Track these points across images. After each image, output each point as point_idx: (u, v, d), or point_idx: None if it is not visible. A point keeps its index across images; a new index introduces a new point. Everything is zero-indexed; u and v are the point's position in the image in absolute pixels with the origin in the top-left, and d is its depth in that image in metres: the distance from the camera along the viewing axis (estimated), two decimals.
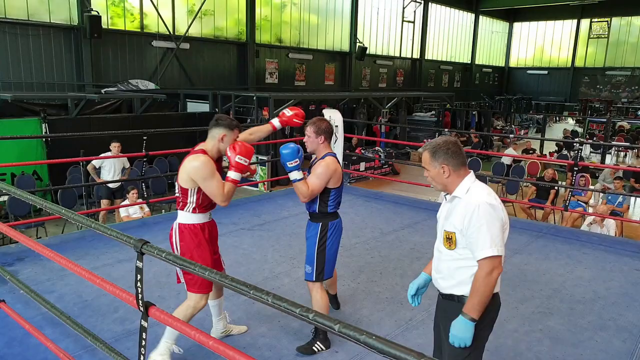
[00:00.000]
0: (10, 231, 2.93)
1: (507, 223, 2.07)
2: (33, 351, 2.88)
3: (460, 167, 2.08)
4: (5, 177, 8.24)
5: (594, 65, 30.46)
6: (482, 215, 1.97)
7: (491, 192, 2.08)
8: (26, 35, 12.07)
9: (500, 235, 2.00)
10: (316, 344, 3.07)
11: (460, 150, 2.09)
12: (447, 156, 2.08)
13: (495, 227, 1.97)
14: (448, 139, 2.11)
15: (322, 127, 3.07)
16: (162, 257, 1.72)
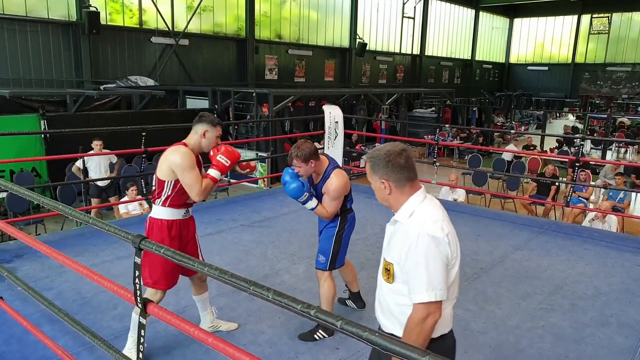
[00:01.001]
0: (9, 228, 2.91)
1: (457, 257, 1.73)
2: (31, 348, 2.86)
3: (404, 182, 1.74)
4: (4, 173, 8.21)
5: (595, 61, 30.41)
6: (420, 251, 1.64)
7: (439, 217, 1.71)
8: (24, 32, 12.02)
9: (442, 275, 1.65)
10: (318, 332, 3.10)
11: (406, 163, 1.73)
12: (387, 170, 1.74)
13: (435, 266, 1.63)
14: (392, 148, 1.76)
15: (305, 152, 2.93)
16: (160, 253, 1.70)
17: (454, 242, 1.71)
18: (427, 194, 1.81)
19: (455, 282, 1.76)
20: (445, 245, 1.66)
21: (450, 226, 1.74)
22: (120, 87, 12.87)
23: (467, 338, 3.18)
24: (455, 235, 1.74)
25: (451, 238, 1.70)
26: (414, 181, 1.77)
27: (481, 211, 6.57)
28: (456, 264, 1.72)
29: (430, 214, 1.72)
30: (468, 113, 20.42)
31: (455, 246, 1.71)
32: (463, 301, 3.68)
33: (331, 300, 3.16)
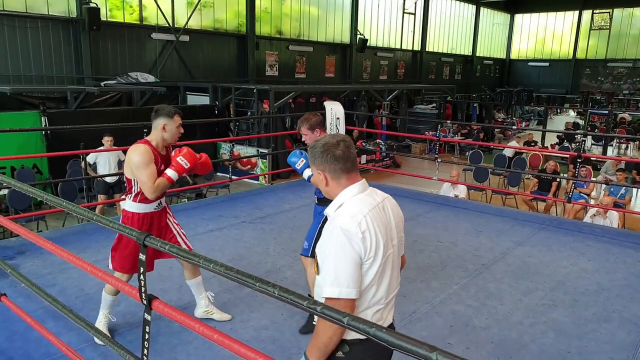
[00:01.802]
0: (11, 225, 2.91)
1: (379, 257, 1.60)
2: (35, 345, 2.87)
3: (340, 174, 1.68)
4: (5, 170, 8.21)
5: (596, 57, 30.32)
6: (332, 244, 1.58)
7: (361, 213, 1.60)
8: (24, 28, 11.99)
9: (350, 272, 1.55)
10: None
11: (343, 154, 1.67)
12: (323, 160, 1.69)
13: (344, 261, 1.54)
14: (330, 140, 1.71)
15: (313, 121, 3.11)
16: (165, 249, 1.70)
17: (375, 240, 1.59)
18: (367, 187, 1.74)
19: (383, 284, 1.65)
20: (358, 242, 1.56)
21: (377, 224, 1.62)
22: (120, 83, 12.85)
23: (469, 334, 3.19)
24: (382, 234, 1.62)
25: (370, 236, 1.58)
26: (351, 173, 1.70)
27: (482, 207, 6.57)
28: (375, 264, 1.60)
29: (354, 208, 1.63)
30: (469, 109, 20.40)
31: (377, 245, 1.59)
32: (465, 297, 3.69)
33: None
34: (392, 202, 1.80)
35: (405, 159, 14.33)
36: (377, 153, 13.60)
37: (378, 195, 1.75)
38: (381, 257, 1.60)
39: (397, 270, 1.76)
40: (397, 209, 1.80)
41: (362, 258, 1.57)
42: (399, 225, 1.78)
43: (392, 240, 1.69)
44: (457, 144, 16.05)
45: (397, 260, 1.75)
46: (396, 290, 1.78)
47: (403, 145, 16.50)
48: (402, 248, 1.86)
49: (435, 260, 4.39)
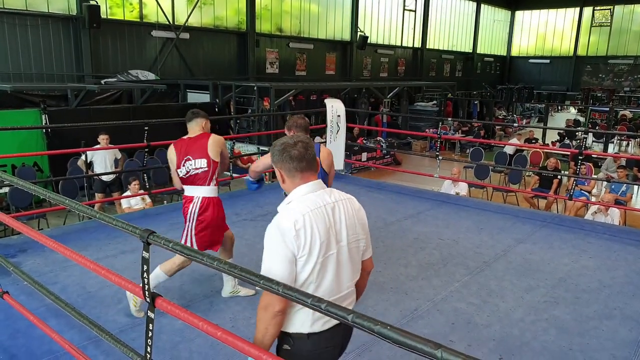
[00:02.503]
0: (13, 222, 2.91)
1: (313, 254, 1.64)
2: (38, 342, 2.87)
3: (294, 172, 1.74)
4: (6, 168, 8.21)
5: (597, 54, 30.28)
6: (268, 239, 1.67)
7: (301, 211, 1.66)
8: (24, 26, 11.98)
9: (281, 268, 1.61)
10: None
11: (299, 154, 1.73)
12: (280, 159, 1.75)
13: (276, 256, 1.63)
14: (289, 140, 1.77)
15: (289, 123, 3.26)
16: (168, 247, 1.70)
17: (310, 239, 1.62)
18: (320, 187, 1.78)
19: (324, 283, 1.69)
20: (291, 239, 1.61)
21: (316, 223, 1.65)
22: (121, 81, 12.84)
23: (471, 331, 3.19)
24: (322, 234, 1.65)
25: (305, 234, 1.62)
26: (305, 172, 1.75)
27: (483, 205, 6.56)
28: (311, 261, 1.63)
29: (296, 207, 1.68)
30: (469, 106, 20.38)
31: (312, 243, 1.63)
32: (466, 295, 3.69)
33: None
34: (350, 204, 1.82)
35: (406, 156, 14.33)
36: (377, 151, 13.59)
37: (331, 196, 1.77)
38: (317, 256, 1.63)
39: (347, 271, 1.76)
40: (356, 211, 1.82)
41: (296, 255, 1.62)
42: (354, 228, 1.79)
43: (338, 242, 1.71)
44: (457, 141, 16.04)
45: (347, 261, 1.76)
46: (347, 291, 1.80)
47: (404, 142, 16.50)
48: (364, 251, 1.87)
49: (437, 258, 4.39)
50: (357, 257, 1.82)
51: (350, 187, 6.93)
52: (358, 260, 1.84)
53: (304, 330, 1.68)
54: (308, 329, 1.69)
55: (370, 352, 2.91)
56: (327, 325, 1.72)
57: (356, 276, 1.84)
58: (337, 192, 1.83)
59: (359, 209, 1.86)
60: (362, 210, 1.88)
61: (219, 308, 3.39)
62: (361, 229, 1.83)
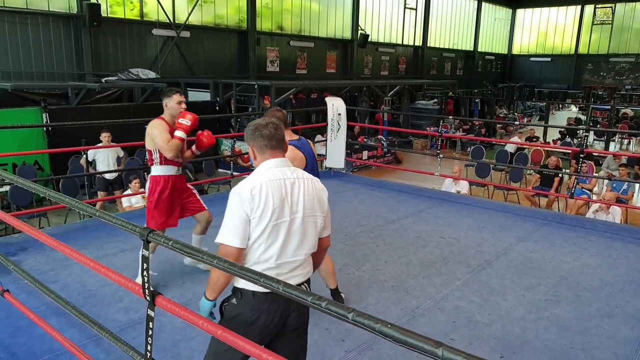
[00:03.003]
0: (14, 221, 2.91)
1: (264, 217, 1.85)
2: (38, 341, 2.87)
3: (265, 150, 1.96)
4: (7, 167, 8.21)
5: (598, 52, 30.22)
6: (229, 201, 1.90)
7: (259, 180, 1.89)
8: (25, 24, 11.98)
9: (236, 225, 1.85)
10: None
11: (270, 133, 1.95)
12: (252, 137, 1.98)
13: (233, 216, 1.86)
14: (261, 121, 2.00)
15: (268, 115, 3.12)
16: (168, 246, 1.69)
17: (263, 204, 1.85)
18: (284, 164, 1.98)
19: (273, 246, 1.89)
20: (247, 202, 1.85)
21: (272, 192, 1.87)
22: (121, 79, 12.84)
23: (472, 329, 3.18)
24: (276, 202, 1.87)
25: (260, 199, 1.85)
26: (275, 150, 1.97)
27: (484, 203, 6.56)
28: (262, 223, 1.85)
29: (256, 177, 1.92)
30: (470, 104, 20.34)
31: (264, 208, 1.85)
32: (468, 293, 3.68)
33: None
34: (312, 184, 2.01)
35: (406, 154, 14.31)
36: (378, 149, 13.58)
37: (294, 173, 1.98)
38: (268, 220, 1.86)
39: (299, 240, 1.95)
40: (317, 191, 2.02)
41: (249, 215, 1.85)
42: (312, 204, 1.98)
43: (294, 212, 1.92)
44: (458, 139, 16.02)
45: (301, 232, 1.95)
46: (298, 259, 1.97)
47: (405, 141, 16.48)
48: (322, 229, 2.05)
49: (438, 256, 4.38)
50: (312, 231, 1.99)
51: (351, 185, 6.93)
52: (314, 234, 2.01)
53: (250, 288, 1.87)
54: (254, 287, 1.84)
55: (371, 351, 2.91)
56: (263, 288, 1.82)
57: (312, 248, 2.01)
58: (301, 172, 2.03)
59: (321, 190, 2.05)
60: (325, 193, 2.07)
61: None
62: (319, 207, 2.01)
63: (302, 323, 2.06)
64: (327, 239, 2.12)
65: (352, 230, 4.99)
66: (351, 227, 5.11)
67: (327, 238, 2.12)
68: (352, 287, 3.76)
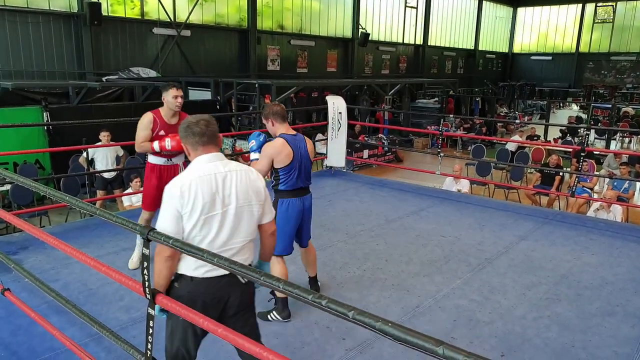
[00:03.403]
0: (15, 220, 2.91)
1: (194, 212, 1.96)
2: (39, 339, 2.87)
3: (197, 146, 2.06)
4: (8, 166, 8.21)
5: (599, 51, 30.15)
6: (163, 197, 2.00)
7: (188, 178, 1.99)
8: (26, 23, 11.98)
9: (168, 221, 1.95)
10: (271, 314, 3.23)
11: (200, 130, 2.05)
12: (185, 135, 2.08)
13: (166, 211, 1.96)
14: (193, 119, 2.10)
15: (266, 111, 3.25)
16: (168, 244, 1.69)
17: (192, 199, 1.95)
18: (217, 159, 2.08)
19: (207, 237, 2.00)
20: (177, 199, 1.95)
21: (201, 188, 1.97)
22: (122, 78, 12.84)
23: (472, 328, 3.18)
24: (205, 197, 1.97)
25: (189, 195, 1.95)
26: (207, 146, 2.06)
27: (485, 202, 6.56)
28: (193, 217, 1.96)
29: (187, 174, 2.03)
30: (471, 103, 20.33)
31: (194, 203, 1.95)
32: (468, 292, 3.68)
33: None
34: (245, 175, 2.12)
35: (407, 153, 14.30)
36: (379, 148, 13.57)
37: (225, 167, 2.07)
38: (199, 214, 1.96)
39: (234, 230, 2.06)
40: (251, 181, 2.12)
41: (180, 211, 1.95)
42: (247, 194, 2.09)
43: (226, 205, 2.02)
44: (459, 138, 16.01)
45: (235, 222, 2.05)
46: (236, 246, 2.08)
47: (405, 139, 16.46)
48: (261, 215, 2.17)
49: (439, 255, 4.38)
50: (248, 220, 2.11)
51: (352, 184, 6.92)
52: (251, 222, 2.12)
53: (188, 273, 2.02)
54: (191, 272, 2.02)
55: (372, 349, 2.91)
56: (208, 274, 2.01)
57: (249, 235, 2.13)
58: (234, 164, 2.12)
59: (255, 180, 2.15)
60: (259, 181, 2.17)
61: None
62: (255, 196, 2.12)
63: (244, 307, 2.16)
64: (269, 225, 2.23)
65: (353, 229, 4.99)
66: (352, 225, 5.11)
67: (268, 224, 2.23)
68: (353, 285, 3.76)
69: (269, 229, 2.25)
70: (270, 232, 2.27)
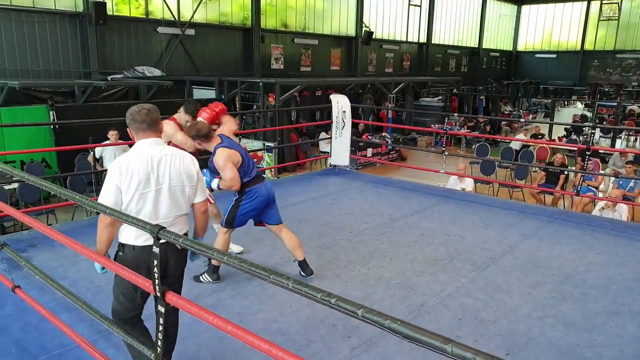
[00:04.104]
0: (25, 218, 2.94)
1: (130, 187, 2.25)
2: (49, 336, 2.91)
3: (138, 132, 2.36)
4: (15, 164, 8.27)
5: (604, 48, 30.00)
6: (107, 172, 2.30)
7: (127, 157, 2.30)
8: (32, 22, 12.03)
9: (109, 192, 2.26)
10: (203, 275, 3.66)
11: (142, 118, 2.34)
12: (128, 121, 2.37)
13: (108, 185, 2.26)
14: (136, 107, 2.39)
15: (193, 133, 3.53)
16: (178, 242, 1.72)
17: (129, 176, 2.25)
18: (156, 144, 2.37)
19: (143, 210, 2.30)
20: (116, 176, 2.25)
21: (138, 167, 2.27)
22: (127, 77, 12.88)
23: (477, 327, 3.20)
24: (141, 175, 2.27)
25: (126, 172, 2.25)
26: (146, 132, 2.35)
27: (489, 200, 6.56)
28: (129, 192, 2.26)
29: (127, 155, 2.33)
30: (475, 102, 20.29)
31: (130, 179, 2.25)
32: (473, 290, 3.69)
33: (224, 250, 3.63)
34: (180, 159, 2.40)
35: (411, 152, 14.30)
36: (383, 146, 13.58)
37: (162, 151, 2.36)
38: (135, 190, 2.25)
39: (167, 206, 2.36)
40: (184, 165, 2.39)
41: (119, 186, 2.25)
42: (179, 176, 2.37)
43: (160, 183, 2.31)
44: (463, 136, 16.00)
45: (168, 199, 2.35)
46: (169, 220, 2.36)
47: (409, 138, 16.46)
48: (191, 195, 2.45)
49: (443, 254, 4.39)
50: (180, 198, 2.40)
51: (356, 182, 6.94)
52: (182, 200, 2.41)
53: (130, 243, 2.33)
54: (133, 242, 2.33)
55: (377, 347, 2.93)
56: (148, 242, 2.22)
57: (181, 211, 2.42)
58: (171, 149, 2.43)
59: (189, 164, 2.42)
60: (192, 165, 2.44)
61: (226, 303, 3.42)
62: (187, 178, 2.40)
63: (179, 273, 2.50)
64: (200, 204, 2.52)
65: (357, 228, 5.01)
66: (356, 224, 5.13)
67: (200, 203, 2.52)
68: (358, 284, 3.78)
69: (201, 208, 2.53)
70: (201, 211, 2.54)
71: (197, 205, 2.51)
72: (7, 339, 2.90)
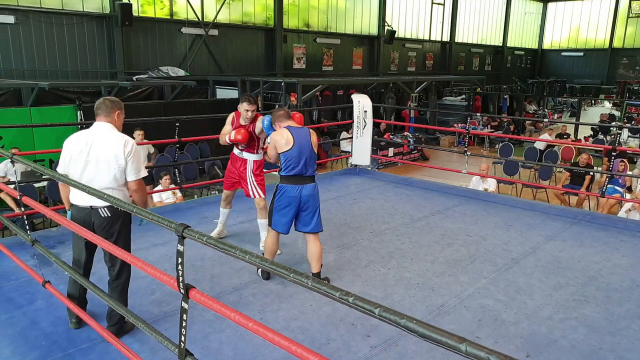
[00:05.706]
0: (54, 215, 3.05)
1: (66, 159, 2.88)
2: (77, 330, 3.01)
3: (96, 118, 2.96)
4: (44, 163, 8.52)
5: (633, 46, 29.17)
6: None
7: (72, 137, 2.91)
8: (61, 24, 12.36)
9: (62, 160, 2.91)
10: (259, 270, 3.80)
11: (98, 106, 2.95)
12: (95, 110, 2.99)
13: (61, 155, 2.92)
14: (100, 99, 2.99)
15: (273, 118, 3.83)
16: (202, 241, 1.77)
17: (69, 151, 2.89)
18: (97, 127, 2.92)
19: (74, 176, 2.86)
20: (65, 148, 2.90)
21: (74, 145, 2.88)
22: (152, 77, 13.13)
23: (498, 328, 3.18)
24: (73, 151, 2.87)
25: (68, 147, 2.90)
26: (98, 117, 2.94)
27: (512, 201, 6.49)
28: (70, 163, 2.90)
29: (74, 134, 2.94)
30: (499, 101, 20.01)
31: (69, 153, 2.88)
32: (494, 291, 3.67)
33: (269, 254, 3.80)
34: (109, 142, 2.86)
35: (433, 151, 14.20)
36: (405, 146, 13.51)
37: (95, 134, 2.89)
38: (69, 160, 2.88)
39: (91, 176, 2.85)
40: (111, 148, 2.84)
41: (65, 157, 2.90)
42: (106, 156, 2.83)
43: (88, 160, 2.84)
44: (486, 136, 15.80)
45: (95, 172, 2.85)
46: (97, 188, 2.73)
47: (432, 137, 16.34)
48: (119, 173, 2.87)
49: (464, 254, 4.38)
50: (106, 172, 2.84)
51: (377, 182, 6.95)
52: (107, 174, 2.85)
53: (73, 202, 2.92)
54: (73, 200, 2.92)
55: (397, 347, 2.95)
56: (80, 203, 2.87)
57: (105, 184, 2.84)
58: (106, 133, 2.89)
59: (119, 148, 2.83)
60: (120, 150, 2.83)
61: (247, 300, 3.48)
62: (114, 158, 2.83)
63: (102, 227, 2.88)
64: (131, 183, 2.92)
65: (378, 228, 5.02)
66: (377, 224, 5.14)
67: (131, 182, 2.92)
68: (378, 283, 3.80)
69: (132, 187, 2.94)
70: (133, 189, 2.95)
71: (129, 184, 2.93)
72: (37, 332, 3.01)
